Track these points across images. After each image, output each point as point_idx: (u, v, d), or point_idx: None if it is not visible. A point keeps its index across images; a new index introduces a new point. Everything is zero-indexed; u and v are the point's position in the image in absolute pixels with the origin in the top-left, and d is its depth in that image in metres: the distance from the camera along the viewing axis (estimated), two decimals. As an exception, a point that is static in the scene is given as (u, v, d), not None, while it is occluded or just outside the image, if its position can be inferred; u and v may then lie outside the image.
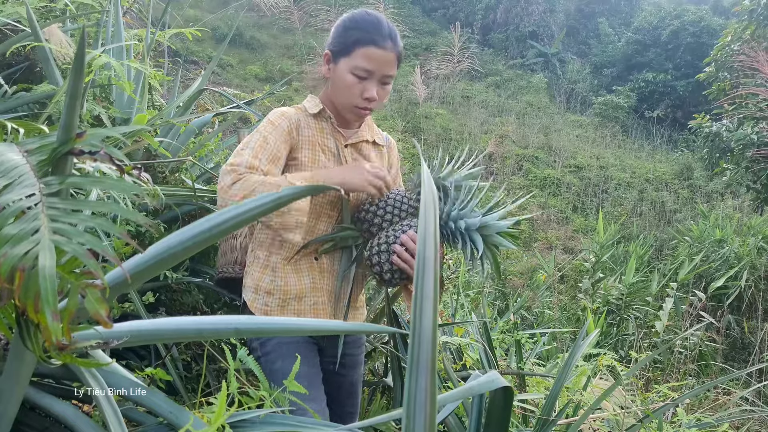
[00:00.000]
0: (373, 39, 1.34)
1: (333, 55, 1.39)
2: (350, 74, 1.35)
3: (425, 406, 0.46)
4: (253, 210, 0.69)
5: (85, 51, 0.67)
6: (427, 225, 0.54)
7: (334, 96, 1.42)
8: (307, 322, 1.02)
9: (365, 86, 1.36)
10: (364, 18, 1.38)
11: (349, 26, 1.37)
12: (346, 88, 1.36)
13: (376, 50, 1.34)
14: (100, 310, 0.51)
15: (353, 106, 1.38)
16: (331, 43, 1.40)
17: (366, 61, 1.34)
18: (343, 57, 1.36)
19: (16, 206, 0.54)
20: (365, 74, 1.35)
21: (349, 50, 1.35)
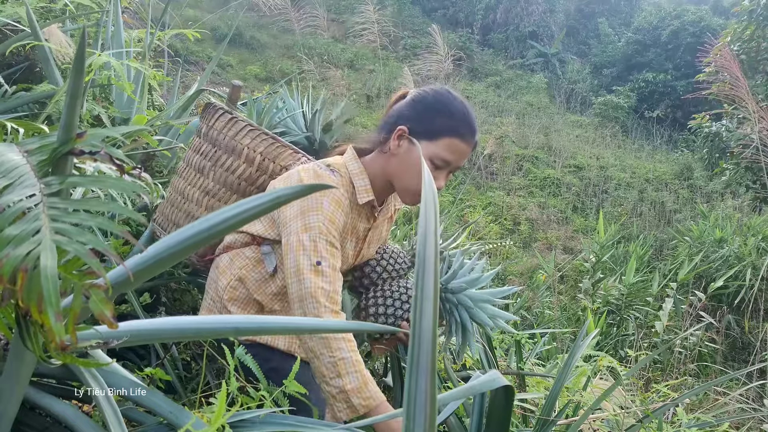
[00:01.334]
0: (462, 132, 1.28)
1: (411, 133, 1.28)
2: (428, 161, 1.26)
3: (425, 406, 0.46)
4: (253, 209, 0.69)
5: (86, 51, 0.67)
6: (427, 225, 0.54)
7: (397, 174, 1.31)
8: (307, 321, 1.01)
9: (437, 175, 1.29)
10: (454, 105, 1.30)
11: (439, 110, 1.29)
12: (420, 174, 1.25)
13: (462, 144, 1.28)
14: (105, 310, 0.51)
15: (417, 192, 1.28)
16: (409, 119, 1.30)
17: (449, 152, 1.27)
18: (425, 141, 1.27)
19: (17, 207, 0.54)
20: (443, 164, 1.28)
21: (433, 137, 1.27)
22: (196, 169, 1.44)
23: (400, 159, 1.30)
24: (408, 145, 1.29)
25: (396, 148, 1.30)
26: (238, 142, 1.40)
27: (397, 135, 1.30)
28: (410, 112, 1.31)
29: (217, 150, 1.42)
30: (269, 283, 1.32)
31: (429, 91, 1.34)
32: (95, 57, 1.60)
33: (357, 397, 1.10)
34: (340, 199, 1.26)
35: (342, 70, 13.49)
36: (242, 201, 0.69)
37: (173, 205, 1.47)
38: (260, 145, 1.41)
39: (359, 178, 1.33)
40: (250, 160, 1.41)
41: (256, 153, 1.40)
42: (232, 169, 1.40)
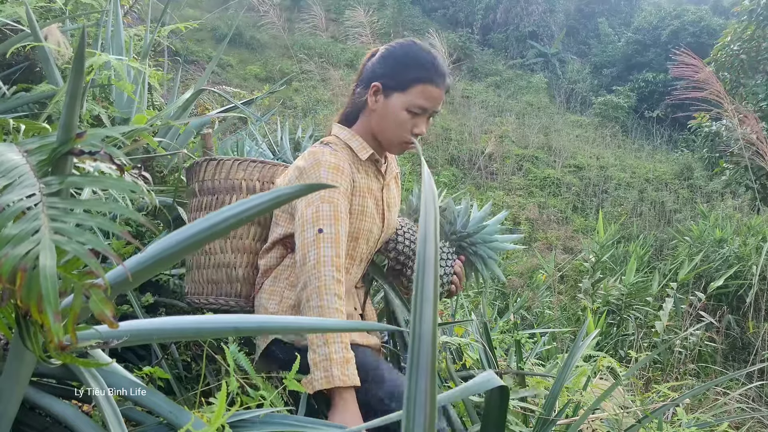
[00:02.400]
0: (431, 77, 1.33)
1: (384, 88, 1.35)
2: (404, 110, 1.33)
3: (425, 407, 0.46)
4: (252, 209, 0.69)
5: (85, 51, 0.67)
6: (427, 226, 0.54)
7: (379, 129, 1.38)
8: (307, 320, 1.01)
9: (416, 122, 1.35)
10: (421, 54, 1.35)
11: (405, 62, 1.35)
12: (399, 124, 1.34)
13: (434, 89, 1.33)
14: (105, 310, 0.51)
15: (402, 141, 1.37)
16: (381, 75, 1.36)
17: (423, 98, 1.33)
18: (398, 92, 1.34)
19: (17, 206, 0.54)
20: (419, 111, 1.34)
21: (405, 86, 1.33)
22: None
23: (379, 114, 1.37)
24: (383, 99, 1.35)
25: (374, 104, 1.37)
26: (233, 178, 1.44)
27: (372, 92, 1.36)
28: (381, 68, 1.37)
29: (218, 196, 1.45)
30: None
31: (396, 45, 1.40)
32: (95, 57, 1.60)
33: (337, 368, 1.14)
34: (338, 165, 1.31)
35: (342, 70, 13.49)
36: (242, 201, 0.69)
37: (200, 267, 1.48)
38: (254, 173, 1.46)
39: (353, 140, 1.40)
40: (251, 189, 1.45)
41: (254, 181, 1.45)
42: None
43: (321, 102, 11.13)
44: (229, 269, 1.45)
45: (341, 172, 1.31)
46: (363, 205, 1.36)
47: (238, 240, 1.44)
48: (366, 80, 1.40)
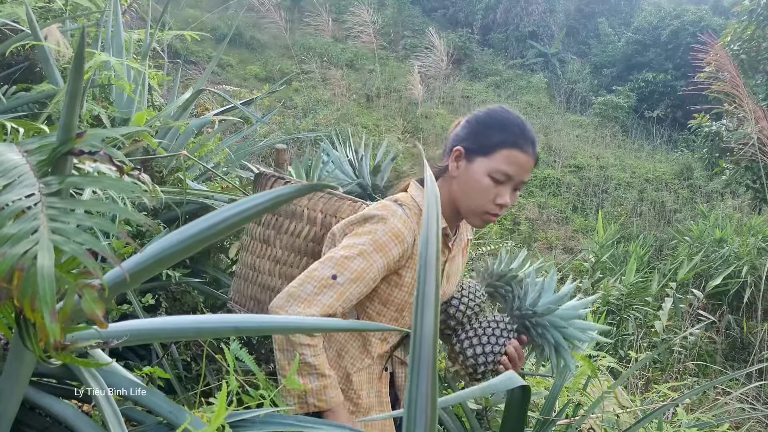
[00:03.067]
0: (517, 142, 1.25)
1: (467, 152, 1.27)
2: (488, 177, 1.24)
3: (426, 408, 0.46)
4: (252, 209, 0.69)
5: (85, 51, 0.67)
6: (429, 227, 0.54)
7: (460, 196, 1.29)
8: (308, 320, 1.01)
9: (500, 191, 1.25)
10: (508, 118, 1.28)
11: (490, 124, 1.28)
12: (481, 192, 1.25)
13: (520, 154, 1.24)
14: (96, 310, 0.51)
15: (484, 212, 1.27)
16: (465, 139, 1.29)
17: (508, 164, 1.24)
18: (481, 157, 1.25)
19: (16, 206, 0.54)
20: (504, 178, 1.24)
21: (489, 151, 1.25)
22: (261, 240, 1.45)
23: (460, 180, 1.28)
24: (465, 164, 1.27)
25: (455, 170, 1.29)
26: (297, 204, 1.39)
27: (454, 157, 1.29)
28: (465, 133, 1.31)
29: (278, 217, 1.42)
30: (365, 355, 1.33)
31: (482, 110, 1.33)
32: (95, 57, 1.60)
33: (312, 397, 1.15)
34: (401, 234, 1.22)
35: (342, 70, 13.49)
36: (241, 201, 0.69)
37: (246, 280, 1.47)
38: (318, 203, 1.39)
39: None
40: (312, 219, 1.39)
41: (316, 212, 1.39)
42: (297, 233, 1.39)
43: (321, 102, 11.13)
44: (273, 294, 1.43)
45: (399, 242, 1.22)
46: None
47: (287, 268, 1.41)
48: (449, 147, 1.33)
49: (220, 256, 1.93)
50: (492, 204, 1.26)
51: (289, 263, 1.41)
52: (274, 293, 1.41)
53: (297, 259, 1.41)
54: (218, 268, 1.89)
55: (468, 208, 1.29)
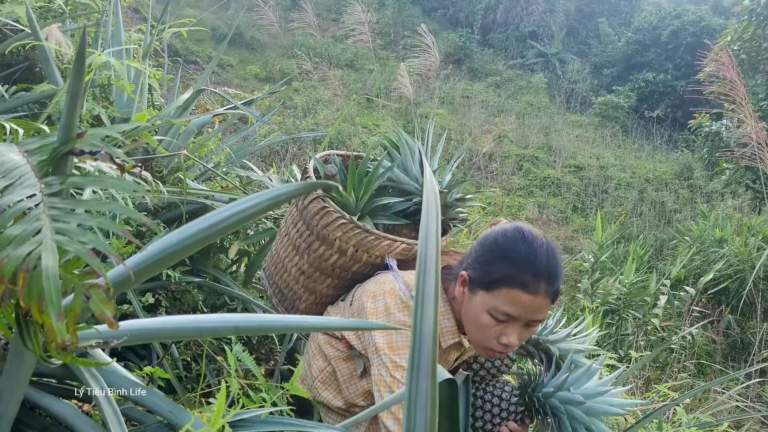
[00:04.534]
0: (524, 281, 1.06)
1: (470, 282, 1.14)
2: (487, 314, 1.09)
3: (426, 408, 0.46)
4: (252, 209, 0.69)
5: (86, 51, 0.67)
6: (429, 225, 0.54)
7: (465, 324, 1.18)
8: (308, 319, 1.01)
9: (504, 330, 1.10)
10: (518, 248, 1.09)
11: (497, 255, 1.11)
12: (481, 328, 1.11)
13: (525, 296, 1.06)
14: (105, 310, 0.51)
15: (486, 348, 1.14)
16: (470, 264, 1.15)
17: (509, 305, 1.07)
18: (482, 290, 1.10)
19: (18, 207, 0.54)
20: (505, 318, 1.09)
21: (490, 286, 1.09)
22: (293, 245, 1.41)
23: (464, 308, 1.16)
24: (468, 294, 1.14)
25: (460, 295, 1.17)
26: (330, 232, 1.31)
27: (459, 281, 1.16)
28: (474, 256, 1.16)
29: (310, 234, 1.35)
30: (357, 382, 1.26)
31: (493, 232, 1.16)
32: (95, 56, 1.60)
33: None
34: None
35: (342, 70, 13.49)
36: (241, 200, 0.69)
37: (277, 268, 1.48)
38: (352, 239, 1.31)
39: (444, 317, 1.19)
40: (343, 251, 1.33)
41: (348, 245, 1.32)
42: (324, 258, 1.35)
43: (321, 102, 11.13)
44: (294, 296, 1.46)
45: None
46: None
47: (311, 282, 1.40)
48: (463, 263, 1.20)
49: (220, 256, 1.93)
50: (495, 341, 1.11)
51: (314, 279, 1.40)
52: (295, 296, 1.44)
53: (322, 278, 1.40)
54: (218, 268, 1.89)
55: (471, 339, 1.17)
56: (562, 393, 1.23)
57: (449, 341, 1.20)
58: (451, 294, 1.21)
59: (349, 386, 1.28)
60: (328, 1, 16.99)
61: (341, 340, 1.29)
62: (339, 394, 1.30)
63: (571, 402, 1.22)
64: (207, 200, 1.77)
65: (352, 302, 1.31)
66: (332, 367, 1.30)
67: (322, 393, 1.30)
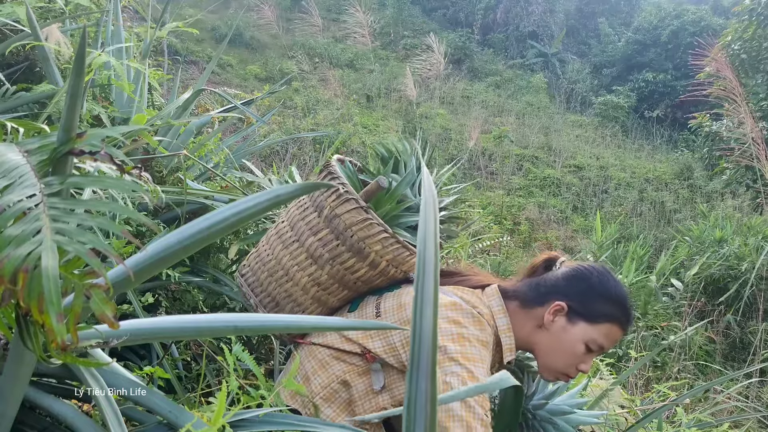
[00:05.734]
0: (622, 322, 1.24)
1: (570, 311, 1.24)
2: (583, 344, 1.22)
3: (425, 407, 0.46)
4: (252, 209, 0.69)
5: (86, 51, 0.67)
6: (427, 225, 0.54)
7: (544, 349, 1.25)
8: (309, 319, 1.01)
9: (586, 359, 1.23)
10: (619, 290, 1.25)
11: (602, 293, 1.24)
12: (571, 355, 1.22)
13: (620, 332, 1.24)
14: (106, 310, 0.51)
15: (560, 373, 1.25)
16: (569, 296, 1.25)
17: (606, 338, 1.22)
18: (585, 322, 1.22)
19: (18, 207, 0.54)
20: (597, 349, 1.23)
21: (594, 320, 1.22)
22: (309, 254, 1.30)
23: (551, 335, 1.25)
24: (565, 323, 1.24)
25: (550, 323, 1.25)
26: (367, 245, 1.25)
27: (553, 310, 1.24)
28: (570, 289, 1.26)
29: (339, 245, 1.27)
30: (375, 397, 1.24)
31: (592, 271, 1.28)
32: (95, 56, 1.60)
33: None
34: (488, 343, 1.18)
35: (342, 70, 13.49)
36: (240, 200, 0.69)
37: (272, 276, 1.35)
38: (389, 253, 1.28)
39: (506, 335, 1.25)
40: (375, 265, 1.28)
41: (382, 259, 1.28)
42: (352, 270, 1.28)
43: (321, 102, 11.13)
44: (297, 307, 1.34)
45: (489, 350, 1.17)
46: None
47: (326, 294, 1.32)
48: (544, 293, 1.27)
49: (220, 255, 1.93)
50: (574, 369, 1.24)
51: (330, 291, 1.32)
52: (298, 308, 1.33)
53: (338, 290, 1.32)
54: (218, 268, 1.89)
55: (548, 363, 1.26)
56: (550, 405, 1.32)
57: (509, 357, 1.25)
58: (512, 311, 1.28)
59: (365, 402, 1.24)
60: (328, 1, 17.00)
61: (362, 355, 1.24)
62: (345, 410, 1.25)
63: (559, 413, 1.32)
64: (207, 200, 1.77)
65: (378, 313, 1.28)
66: (339, 383, 1.25)
67: (325, 411, 1.25)
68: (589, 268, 1.29)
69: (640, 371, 3.50)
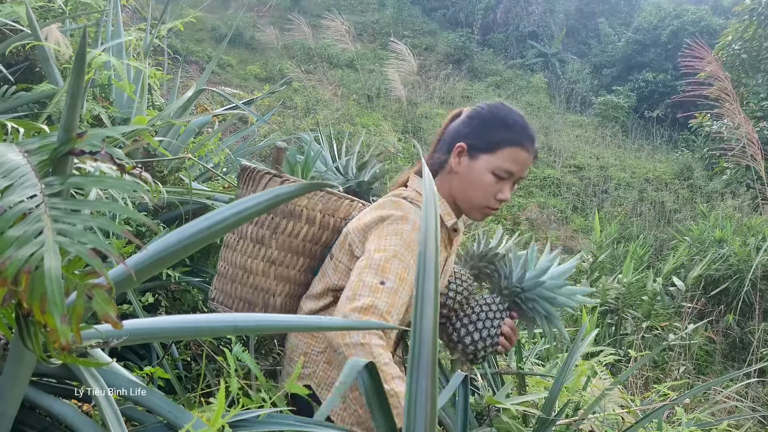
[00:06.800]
0: (521, 141, 1.29)
1: (470, 149, 1.29)
2: (491, 174, 1.27)
3: (425, 406, 0.47)
4: (251, 208, 0.69)
5: (86, 50, 0.67)
6: (428, 226, 0.54)
7: (461, 192, 1.32)
8: (308, 319, 1.02)
9: (501, 187, 1.29)
10: (511, 115, 1.32)
11: (494, 123, 1.30)
12: (484, 188, 1.28)
13: (522, 152, 1.28)
14: (109, 311, 0.51)
15: (484, 206, 1.31)
16: (467, 135, 1.31)
17: (511, 162, 1.27)
18: (485, 154, 1.28)
19: (19, 208, 0.54)
20: (506, 175, 1.28)
21: (493, 148, 1.27)
22: (255, 240, 1.37)
23: (461, 176, 1.30)
24: (468, 161, 1.29)
25: (457, 165, 1.31)
26: (295, 204, 1.34)
27: (456, 153, 1.30)
28: (467, 129, 1.32)
29: (274, 217, 1.35)
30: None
31: (484, 106, 1.34)
32: (95, 56, 1.60)
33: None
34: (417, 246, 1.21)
35: (342, 70, 13.49)
36: (240, 200, 0.69)
37: (235, 281, 1.40)
38: (318, 203, 1.36)
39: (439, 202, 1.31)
40: (311, 219, 1.36)
41: (315, 211, 1.36)
42: (294, 233, 1.36)
43: (321, 102, 11.13)
44: (267, 295, 1.38)
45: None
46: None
47: (284, 268, 1.37)
48: (448, 141, 1.34)
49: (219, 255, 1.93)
50: (494, 200, 1.30)
51: (285, 264, 1.37)
52: (268, 294, 1.37)
53: (294, 260, 1.38)
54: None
55: (470, 203, 1.32)
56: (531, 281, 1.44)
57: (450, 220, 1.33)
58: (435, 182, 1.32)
59: None
60: (328, 1, 16.99)
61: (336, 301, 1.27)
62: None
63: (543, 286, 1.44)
64: (208, 200, 1.77)
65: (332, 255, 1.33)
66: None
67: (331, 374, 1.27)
68: (481, 105, 1.35)
69: (640, 371, 3.50)
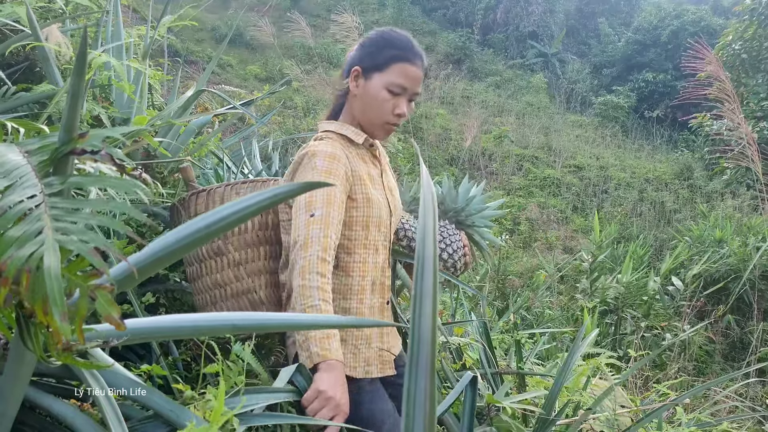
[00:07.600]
0: (407, 56, 1.37)
1: (364, 70, 1.39)
2: (385, 90, 1.36)
3: (424, 405, 0.47)
4: (251, 208, 0.69)
5: (87, 51, 0.68)
6: (426, 225, 0.54)
7: (363, 112, 1.41)
8: (307, 317, 1.02)
9: (397, 102, 1.37)
10: (397, 35, 1.40)
11: (382, 43, 1.39)
12: (380, 104, 1.37)
13: (410, 67, 1.36)
14: (112, 311, 0.51)
15: (384, 122, 1.40)
16: (360, 59, 1.40)
17: (401, 77, 1.36)
18: (377, 72, 1.37)
19: (19, 208, 0.54)
20: (399, 90, 1.36)
21: (383, 66, 1.36)
22: (212, 254, 1.42)
23: (360, 97, 1.40)
24: (364, 82, 1.39)
25: (355, 88, 1.40)
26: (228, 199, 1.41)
27: (353, 77, 1.40)
28: (359, 54, 1.41)
29: None
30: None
31: (373, 32, 1.44)
32: (95, 57, 1.60)
33: (316, 345, 1.14)
34: (334, 153, 1.32)
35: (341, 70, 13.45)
36: (239, 200, 0.69)
37: (217, 302, 1.43)
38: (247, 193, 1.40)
39: (344, 128, 1.42)
40: None
41: None
42: (243, 230, 1.41)
43: (321, 102, 11.13)
44: (250, 294, 1.41)
45: (337, 160, 1.32)
46: (366, 192, 1.37)
47: (251, 264, 1.41)
48: (346, 69, 1.43)
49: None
50: (391, 115, 1.38)
51: (250, 259, 1.41)
52: (250, 294, 1.41)
53: (255, 253, 1.42)
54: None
55: (371, 121, 1.41)
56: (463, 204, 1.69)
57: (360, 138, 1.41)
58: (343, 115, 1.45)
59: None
60: (328, 1, 16.99)
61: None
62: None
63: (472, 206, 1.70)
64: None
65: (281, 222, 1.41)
66: None
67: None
68: (371, 32, 1.45)
69: (640, 371, 3.50)
